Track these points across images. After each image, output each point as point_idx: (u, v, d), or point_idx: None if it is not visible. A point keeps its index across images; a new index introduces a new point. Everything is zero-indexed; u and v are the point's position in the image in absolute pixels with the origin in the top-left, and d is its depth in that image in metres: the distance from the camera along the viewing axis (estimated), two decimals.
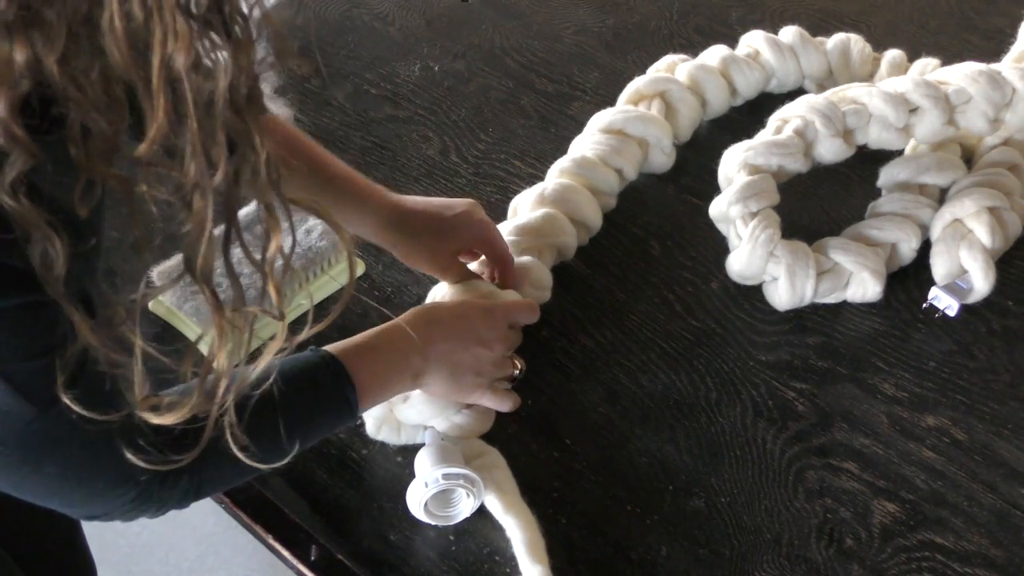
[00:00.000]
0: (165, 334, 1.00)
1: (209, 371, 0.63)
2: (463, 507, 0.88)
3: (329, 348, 0.83)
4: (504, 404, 0.95)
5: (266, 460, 0.70)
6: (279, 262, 0.64)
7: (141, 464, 0.65)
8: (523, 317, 0.98)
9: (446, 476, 0.85)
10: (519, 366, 0.96)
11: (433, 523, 0.88)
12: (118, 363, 0.61)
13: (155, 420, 0.64)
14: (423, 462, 0.88)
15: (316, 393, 0.80)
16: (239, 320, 0.64)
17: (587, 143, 1.15)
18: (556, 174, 1.13)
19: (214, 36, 0.54)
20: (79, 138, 0.55)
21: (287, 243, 0.64)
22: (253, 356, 0.66)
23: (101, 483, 0.69)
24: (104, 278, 0.66)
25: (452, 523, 0.88)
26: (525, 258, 1.03)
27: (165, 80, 0.52)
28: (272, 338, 0.66)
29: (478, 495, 0.87)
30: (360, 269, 1.08)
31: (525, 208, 1.09)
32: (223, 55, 0.54)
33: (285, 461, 0.74)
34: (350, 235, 0.71)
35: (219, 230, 0.62)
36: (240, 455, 0.67)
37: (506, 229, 1.06)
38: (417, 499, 0.86)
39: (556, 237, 1.07)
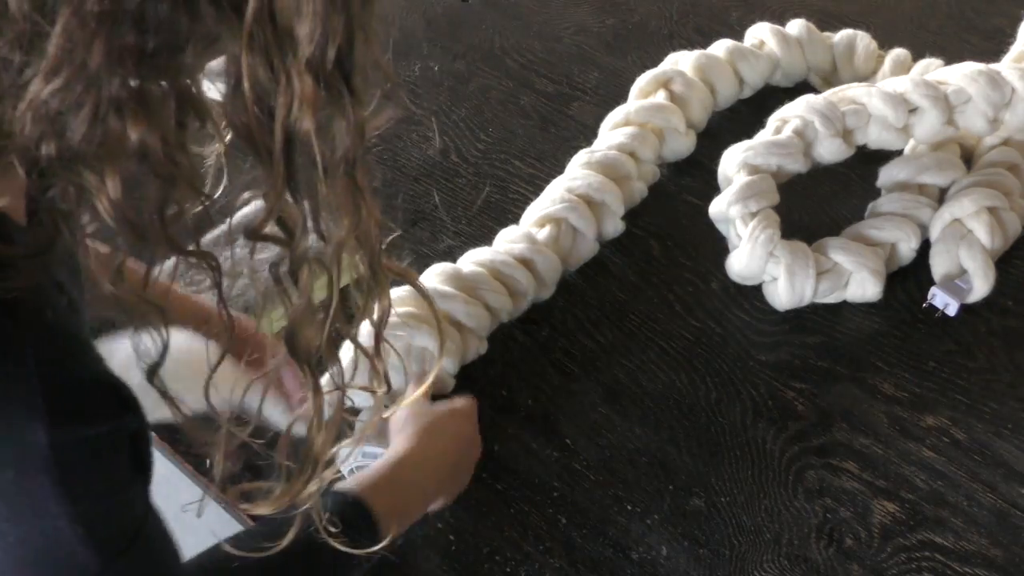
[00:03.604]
0: None
1: (309, 456, 0.60)
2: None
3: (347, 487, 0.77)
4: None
5: None
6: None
7: None
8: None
9: (364, 454, 0.86)
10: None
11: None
12: (204, 442, 0.58)
13: (248, 509, 0.62)
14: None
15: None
16: (335, 401, 0.60)
17: (603, 142, 1.15)
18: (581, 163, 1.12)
19: (338, 95, 0.49)
20: (158, 210, 0.51)
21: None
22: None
23: None
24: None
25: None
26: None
27: (286, 145, 0.49)
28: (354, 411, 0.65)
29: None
30: None
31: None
32: (347, 116, 0.49)
33: None
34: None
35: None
36: None
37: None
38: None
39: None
